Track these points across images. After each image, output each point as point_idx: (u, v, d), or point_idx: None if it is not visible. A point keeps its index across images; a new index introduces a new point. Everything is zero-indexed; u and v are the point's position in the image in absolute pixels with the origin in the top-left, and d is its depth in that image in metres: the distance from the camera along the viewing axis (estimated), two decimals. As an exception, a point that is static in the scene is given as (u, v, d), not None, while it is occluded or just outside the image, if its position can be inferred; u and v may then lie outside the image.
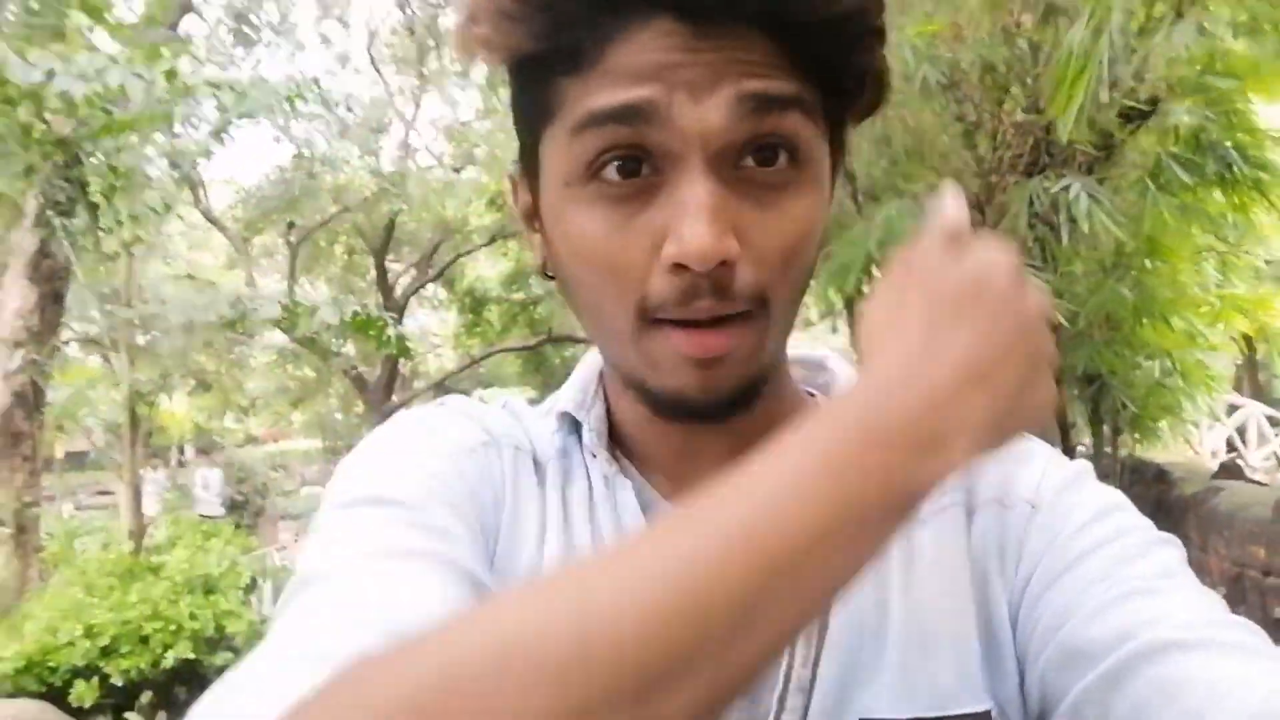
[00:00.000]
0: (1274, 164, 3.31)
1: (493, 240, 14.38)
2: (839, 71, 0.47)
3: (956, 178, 4.61)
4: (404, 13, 14.22)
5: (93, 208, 4.63)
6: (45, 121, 4.37)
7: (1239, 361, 7.30)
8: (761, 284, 0.46)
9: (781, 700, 0.49)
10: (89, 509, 12.47)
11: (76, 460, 16.01)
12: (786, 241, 0.47)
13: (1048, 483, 0.53)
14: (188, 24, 9.88)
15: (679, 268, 0.44)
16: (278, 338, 13.48)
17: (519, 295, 15.24)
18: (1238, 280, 4.99)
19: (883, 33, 0.49)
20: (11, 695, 3.77)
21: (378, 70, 14.96)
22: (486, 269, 16.62)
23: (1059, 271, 3.79)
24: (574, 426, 0.58)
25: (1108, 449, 5.19)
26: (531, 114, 0.49)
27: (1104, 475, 0.47)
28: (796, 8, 0.43)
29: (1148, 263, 3.90)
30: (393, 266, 15.53)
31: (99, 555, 4.50)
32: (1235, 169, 3.22)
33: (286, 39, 14.05)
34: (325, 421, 18.62)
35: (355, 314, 5.05)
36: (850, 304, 6.92)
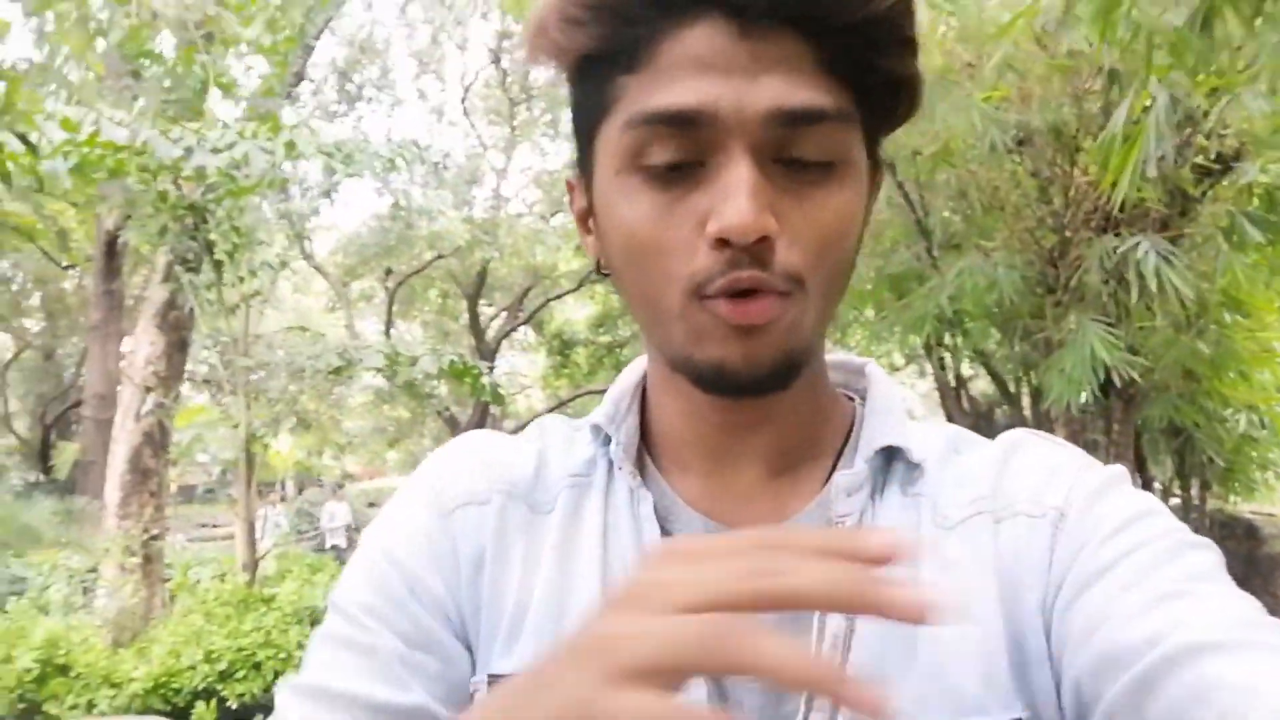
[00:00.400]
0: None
1: (580, 285, 14.74)
2: (873, 76, 0.49)
3: (1030, 233, 4.68)
4: (496, 68, 14.85)
5: (217, 265, 5.09)
6: (179, 188, 4.85)
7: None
8: (798, 265, 0.48)
9: (809, 702, 0.50)
10: (197, 540, 13.19)
11: (184, 494, 16.99)
12: (822, 229, 0.49)
13: (1078, 490, 0.53)
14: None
15: (722, 243, 0.47)
16: (375, 380, 14.14)
17: (605, 338, 15.57)
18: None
19: (914, 43, 0.51)
20: (141, 713, 4.14)
21: (471, 123, 15.62)
22: (574, 312, 17.01)
23: (1134, 326, 3.82)
24: (606, 439, 0.60)
25: (1196, 503, 5.11)
26: (590, 112, 0.52)
27: (1193, 531, 0.50)
28: (834, 9, 0.47)
29: (1226, 317, 3.89)
30: (484, 310, 16.07)
31: (217, 586, 4.88)
32: (1310, 227, 3.24)
33: (386, 94, 14.82)
34: (419, 460, 19.16)
35: (452, 362, 5.37)
36: (929, 350, 6.97)
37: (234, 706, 4.22)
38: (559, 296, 15.25)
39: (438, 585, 0.57)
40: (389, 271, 14.48)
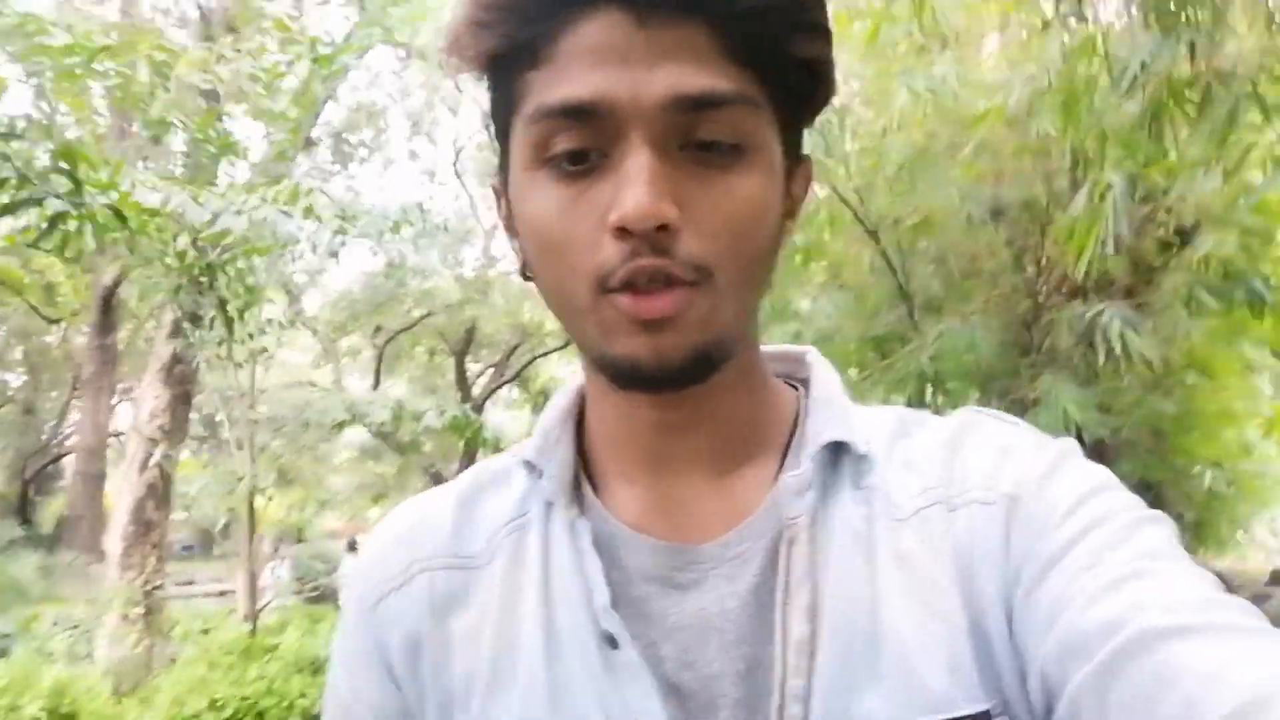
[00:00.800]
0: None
1: (567, 344, 14.81)
2: (779, 60, 0.49)
3: (1006, 298, 4.96)
4: (488, 130, 15.11)
5: (229, 322, 5.27)
6: (197, 248, 5.07)
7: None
8: (704, 254, 0.47)
9: (780, 711, 0.49)
10: (177, 599, 13.07)
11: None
12: (729, 217, 0.48)
13: (1030, 472, 0.52)
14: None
15: (623, 233, 0.46)
16: (359, 435, 14.19)
17: None
18: (1293, 393, 5.17)
19: (822, 28, 0.51)
20: (145, 761, 4.20)
21: (462, 183, 15.94)
22: (559, 369, 17.20)
23: (1103, 387, 4.07)
24: (540, 474, 0.59)
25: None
26: (503, 112, 0.52)
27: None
28: None
29: (1190, 378, 4.15)
30: (471, 367, 16.21)
31: (220, 635, 4.96)
32: (1261, 297, 3.52)
33: (379, 155, 15.13)
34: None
35: (455, 417, 5.56)
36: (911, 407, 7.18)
37: (237, 755, 4.28)
38: (545, 354, 15.45)
39: (371, 692, 0.58)
40: (378, 329, 14.65)
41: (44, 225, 3.52)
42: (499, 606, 0.56)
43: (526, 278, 0.56)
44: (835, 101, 0.54)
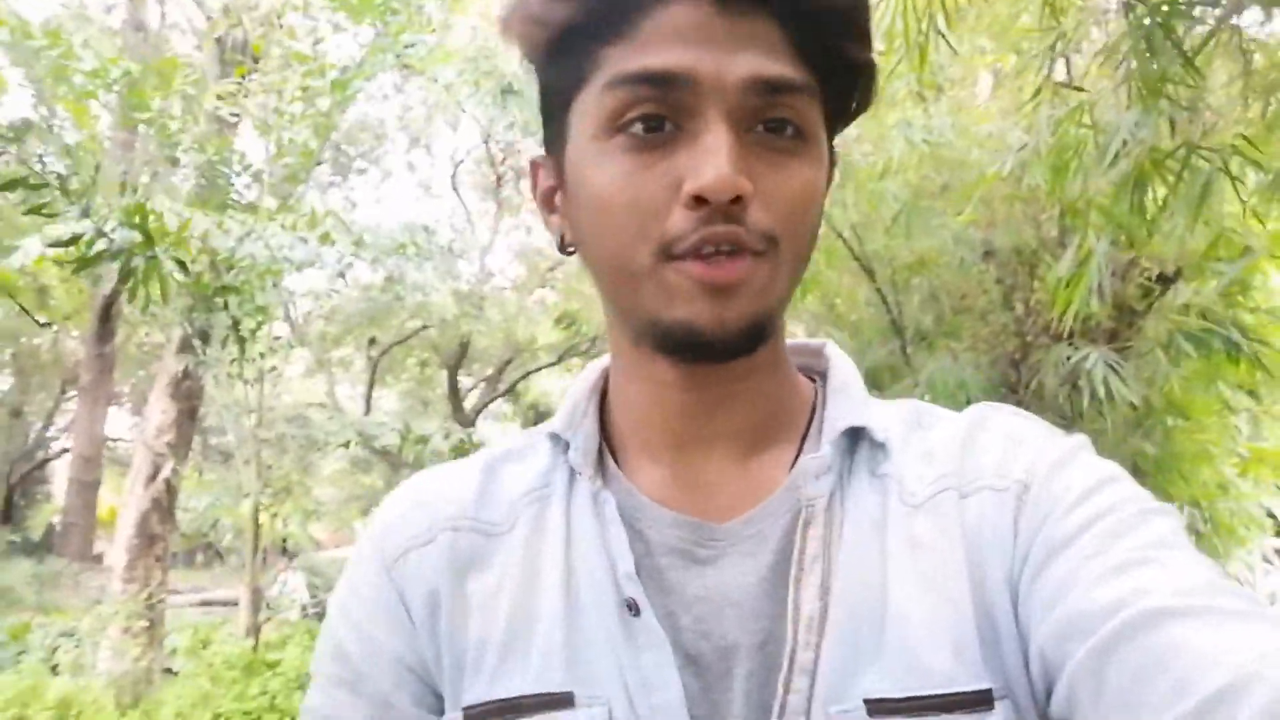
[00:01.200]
0: (1274, 341, 3.77)
1: (560, 359, 14.88)
2: (835, 59, 0.53)
3: (996, 335, 5.12)
4: (486, 145, 15.30)
5: (241, 341, 5.39)
6: (215, 269, 5.19)
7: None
8: (771, 225, 0.50)
9: (787, 684, 0.51)
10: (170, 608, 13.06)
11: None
12: (791, 195, 0.51)
13: (1041, 461, 0.54)
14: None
15: (698, 202, 0.48)
16: (354, 449, 14.22)
17: None
18: (1270, 434, 5.35)
19: (869, 35, 0.55)
20: (149, 773, 4.28)
21: (460, 197, 16.01)
22: (551, 384, 17.28)
23: (1086, 428, 4.23)
24: (566, 446, 0.60)
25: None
26: (566, 85, 0.53)
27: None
28: None
29: (1170, 420, 4.32)
30: (463, 380, 16.27)
31: (223, 650, 5.04)
32: (1238, 347, 3.69)
33: (377, 167, 15.22)
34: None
35: (461, 441, 5.68)
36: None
37: (239, 768, 4.36)
38: (538, 369, 15.52)
39: (394, 643, 0.58)
40: (373, 340, 14.69)
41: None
42: (519, 573, 0.57)
43: (566, 251, 0.59)
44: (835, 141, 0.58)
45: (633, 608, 0.54)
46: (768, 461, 0.59)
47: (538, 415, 16.33)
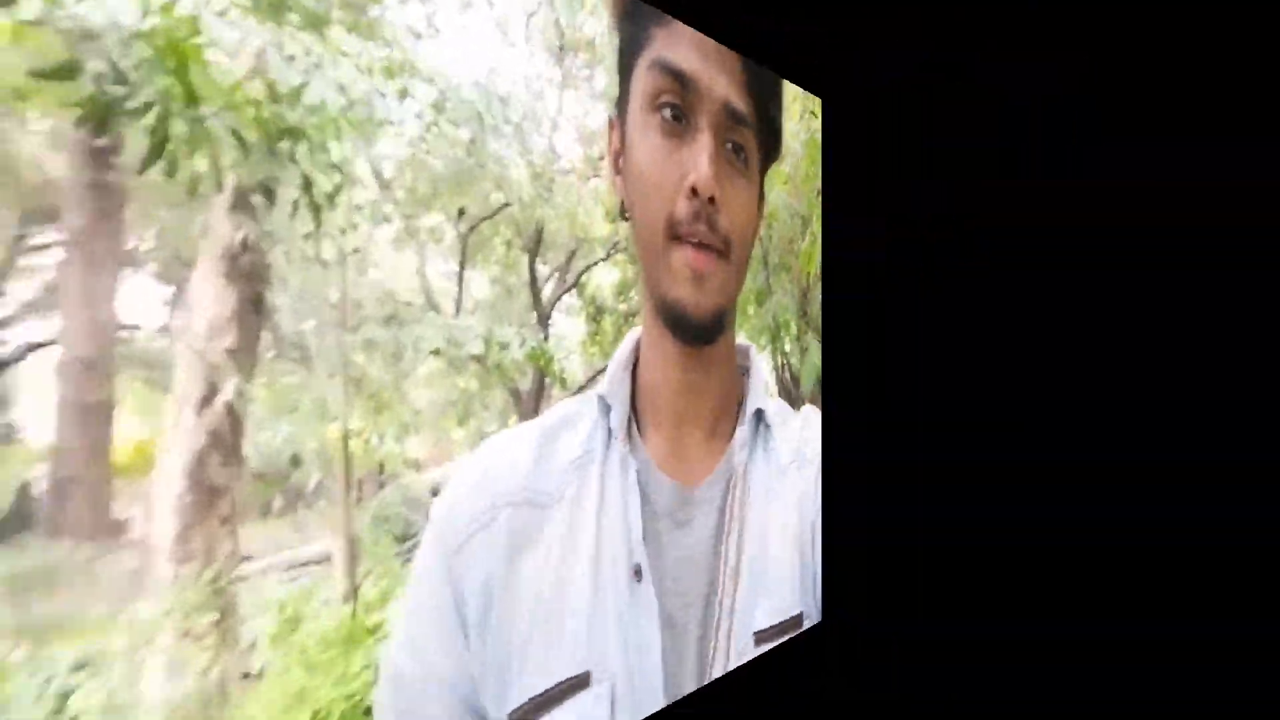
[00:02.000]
0: None
1: (609, 255, 14.33)
2: (762, 114, 0.72)
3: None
4: (550, 6, 14.23)
5: (315, 208, 4.10)
6: (276, 99, 3.99)
7: None
8: (729, 231, 0.70)
9: (718, 627, 0.70)
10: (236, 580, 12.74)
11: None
12: (744, 209, 0.71)
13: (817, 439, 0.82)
14: None
15: (694, 192, 0.68)
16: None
17: (623, 306, 15.14)
18: None
19: (779, 105, 0.75)
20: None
21: (530, 51, 15.04)
22: (606, 277, 16.82)
23: None
24: (608, 407, 0.76)
25: None
26: (630, 48, 0.70)
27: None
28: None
29: None
30: (540, 270, 15.49)
31: (318, 627, 4.02)
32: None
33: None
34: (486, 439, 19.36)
35: (534, 349, 4.74)
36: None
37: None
38: (595, 264, 14.70)
39: (444, 665, 0.69)
40: (462, 212, 14.02)
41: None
42: (559, 548, 0.71)
43: (624, 217, 0.74)
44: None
45: (638, 573, 0.70)
46: (718, 436, 0.79)
47: (596, 309, 15.76)
